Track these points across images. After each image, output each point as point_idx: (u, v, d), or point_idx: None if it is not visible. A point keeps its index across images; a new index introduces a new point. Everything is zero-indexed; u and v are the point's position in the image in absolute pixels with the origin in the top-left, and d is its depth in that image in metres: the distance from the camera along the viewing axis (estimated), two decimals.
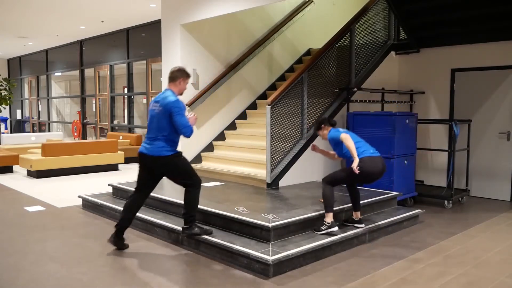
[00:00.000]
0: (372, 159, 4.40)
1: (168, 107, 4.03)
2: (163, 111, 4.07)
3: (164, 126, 4.08)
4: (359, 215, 4.70)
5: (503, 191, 6.80)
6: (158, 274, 3.80)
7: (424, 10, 6.57)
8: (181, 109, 4.04)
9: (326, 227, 4.35)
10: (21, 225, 5.34)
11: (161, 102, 4.10)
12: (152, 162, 4.20)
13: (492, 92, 6.89)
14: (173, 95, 4.12)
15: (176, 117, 4.01)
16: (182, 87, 4.22)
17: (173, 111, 4.01)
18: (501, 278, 3.76)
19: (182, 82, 4.20)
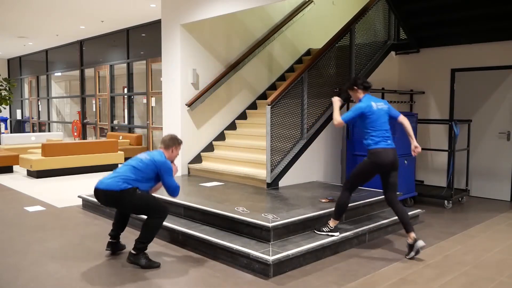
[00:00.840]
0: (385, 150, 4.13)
1: (159, 165, 3.97)
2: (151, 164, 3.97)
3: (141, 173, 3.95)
4: (413, 236, 4.17)
5: (503, 191, 6.80)
6: (158, 274, 3.80)
7: (424, 10, 6.57)
8: (171, 171, 4.03)
9: (328, 230, 4.32)
10: (21, 225, 5.34)
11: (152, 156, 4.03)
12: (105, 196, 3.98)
13: (492, 92, 6.89)
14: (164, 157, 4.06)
15: (167, 177, 3.99)
16: (174, 155, 4.17)
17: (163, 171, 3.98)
18: (501, 278, 3.76)
19: (174, 150, 4.16)
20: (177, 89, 7.13)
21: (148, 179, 3.99)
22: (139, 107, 12.18)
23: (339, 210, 4.33)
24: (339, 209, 4.32)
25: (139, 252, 3.94)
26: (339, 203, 4.33)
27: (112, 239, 4.29)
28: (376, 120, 4.18)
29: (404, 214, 4.27)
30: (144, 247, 3.96)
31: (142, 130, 11.69)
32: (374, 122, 4.17)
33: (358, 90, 4.28)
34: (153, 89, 11.02)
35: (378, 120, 4.18)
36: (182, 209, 5.04)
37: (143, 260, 3.92)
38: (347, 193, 4.32)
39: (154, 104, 10.98)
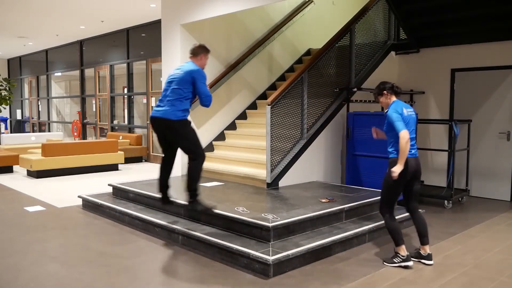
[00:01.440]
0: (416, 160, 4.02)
1: (192, 74, 4.17)
2: (184, 76, 4.19)
3: (181, 92, 4.22)
4: (427, 250, 4.10)
5: (503, 191, 6.80)
6: (158, 274, 3.80)
7: (424, 10, 6.57)
8: (204, 78, 4.23)
9: (400, 260, 3.96)
10: (21, 225, 5.34)
11: (184, 69, 4.24)
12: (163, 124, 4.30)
13: (492, 92, 6.89)
14: (196, 66, 4.30)
15: (199, 84, 4.20)
16: (203, 62, 4.37)
17: (197, 78, 4.18)
18: (501, 278, 3.76)
19: (203, 58, 4.36)
20: None
21: (189, 92, 4.26)
22: (139, 107, 12.18)
23: (394, 235, 4.03)
24: (393, 234, 4.03)
25: (194, 197, 4.36)
26: (390, 230, 4.05)
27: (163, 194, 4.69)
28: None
29: (423, 225, 4.13)
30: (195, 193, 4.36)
31: (142, 130, 11.69)
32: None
33: (388, 95, 4.16)
34: (153, 89, 11.02)
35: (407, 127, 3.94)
36: (182, 209, 5.04)
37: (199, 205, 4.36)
38: (388, 216, 4.07)
39: (154, 104, 10.98)
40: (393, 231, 4.01)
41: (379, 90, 4.21)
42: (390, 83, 4.21)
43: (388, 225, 4.05)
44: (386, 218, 4.07)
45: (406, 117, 4.00)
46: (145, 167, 10.30)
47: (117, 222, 5.45)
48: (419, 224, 4.13)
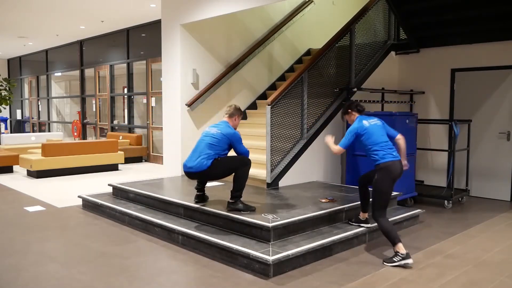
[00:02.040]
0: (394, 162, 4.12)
1: (230, 137, 4.58)
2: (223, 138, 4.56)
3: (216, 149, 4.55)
4: (366, 216, 4.69)
5: (503, 191, 6.80)
6: (158, 274, 3.80)
7: (424, 10, 6.57)
8: (241, 139, 4.67)
9: (400, 258, 3.98)
10: (21, 225, 5.34)
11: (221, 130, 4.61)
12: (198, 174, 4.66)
13: (492, 92, 6.89)
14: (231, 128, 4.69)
15: (238, 146, 4.64)
16: (237, 123, 4.80)
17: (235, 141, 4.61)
18: (501, 278, 3.76)
19: (237, 119, 4.78)
20: (177, 89, 7.13)
21: (224, 150, 4.60)
22: (139, 107, 12.18)
23: (390, 236, 4.07)
24: (389, 235, 4.07)
25: (236, 200, 4.60)
26: (385, 232, 4.09)
27: (199, 192, 4.95)
28: (371, 135, 4.20)
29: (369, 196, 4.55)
30: (239, 195, 4.61)
31: (142, 130, 11.69)
32: (370, 138, 4.19)
33: (353, 113, 4.42)
34: (153, 89, 11.02)
35: (373, 134, 4.20)
36: (182, 209, 5.04)
37: (240, 205, 4.57)
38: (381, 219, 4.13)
39: (154, 104, 10.98)
40: (388, 232, 4.07)
41: (345, 109, 4.52)
42: (354, 102, 4.53)
43: (382, 228, 4.12)
44: (380, 222, 4.14)
45: (368, 127, 4.24)
46: (145, 167, 10.30)
47: (117, 222, 5.45)
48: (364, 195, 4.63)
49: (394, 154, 4.19)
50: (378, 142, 4.18)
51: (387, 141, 4.25)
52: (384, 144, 4.19)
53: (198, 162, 4.50)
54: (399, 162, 4.19)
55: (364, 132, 4.21)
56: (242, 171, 4.60)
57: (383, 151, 4.15)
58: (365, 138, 4.21)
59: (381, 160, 4.13)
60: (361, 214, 4.72)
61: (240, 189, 4.63)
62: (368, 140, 4.19)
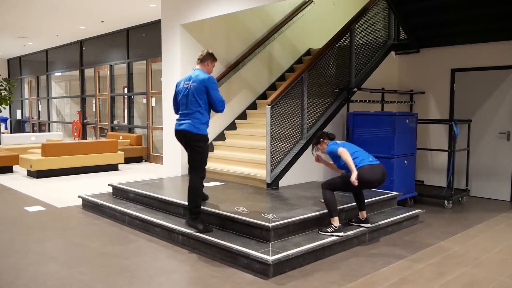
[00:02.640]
0: (372, 167, 4.44)
1: (204, 83, 4.33)
2: (197, 86, 4.33)
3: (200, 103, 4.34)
4: (365, 215, 4.74)
5: (503, 191, 6.80)
6: (158, 274, 3.80)
7: (424, 10, 6.57)
8: (216, 85, 4.40)
9: (333, 230, 4.35)
10: (21, 225, 5.34)
11: (194, 79, 4.38)
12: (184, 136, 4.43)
13: (492, 92, 6.89)
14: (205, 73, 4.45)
15: (212, 91, 4.34)
16: (210, 69, 4.56)
17: (210, 86, 4.33)
18: (501, 278, 3.76)
19: (209, 64, 4.55)
20: None
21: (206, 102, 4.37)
22: (139, 107, 12.18)
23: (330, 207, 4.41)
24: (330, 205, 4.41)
25: (197, 216, 4.44)
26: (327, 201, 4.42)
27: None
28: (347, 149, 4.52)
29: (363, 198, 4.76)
30: (197, 211, 4.43)
31: (142, 130, 11.69)
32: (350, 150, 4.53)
33: (325, 140, 4.71)
34: (153, 89, 11.02)
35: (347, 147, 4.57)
36: (182, 209, 5.04)
37: (200, 225, 4.41)
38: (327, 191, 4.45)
39: (154, 104, 10.98)
40: (330, 201, 4.40)
41: (317, 139, 4.76)
42: (324, 132, 4.81)
43: (325, 196, 4.42)
44: (325, 191, 4.44)
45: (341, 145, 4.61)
46: (145, 167, 10.30)
47: (117, 222, 5.45)
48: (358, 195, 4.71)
49: (370, 158, 4.53)
50: (352, 152, 4.51)
51: (360, 150, 4.63)
52: (357, 152, 4.56)
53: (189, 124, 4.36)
54: (378, 166, 4.50)
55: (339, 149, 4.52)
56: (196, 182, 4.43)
57: (359, 158, 4.49)
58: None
59: (360, 164, 4.43)
60: (360, 214, 4.76)
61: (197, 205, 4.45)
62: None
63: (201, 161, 4.49)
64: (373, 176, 4.41)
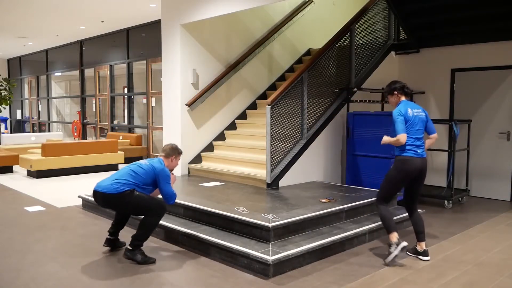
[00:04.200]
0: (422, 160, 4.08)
1: (157, 172, 4.12)
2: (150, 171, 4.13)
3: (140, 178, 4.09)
4: (423, 246, 4.21)
5: (503, 191, 6.80)
6: (158, 274, 3.80)
7: (424, 10, 6.57)
8: (169, 178, 4.18)
9: (395, 246, 4.00)
10: (21, 225, 5.34)
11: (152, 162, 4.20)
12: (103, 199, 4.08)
13: (492, 92, 6.89)
14: (163, 164, 4.22)
15: (164, 184, 4.13)
16: (174, 165, 4.37)
17: (161, 178, 4.12)
18: (501, 278, 3.76)
19: (174, 160, 4.36)
20: (177, 89, 7.12)
21: (146, 184, 4.13)
22: (139, 107, 12.18)
23: (387, 222, 4.13)
24: (386, 221, 4.13)
25: (135, 248, 4.07)
26: (382, 218, 4.16)
27: (110, 236, 4.41)
28: (409, 128, 4.06)
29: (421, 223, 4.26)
30: (140, 244, 4.09)
31: (142, 130, 11.69)
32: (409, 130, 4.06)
33: (398, 95, 4.21)
34: (153, 89, 11.02)
35: (411, 127, 4.06)
36: (182, 209, 5.04)
37: (139, 256, 4.05)
38: (382, 206, 4.19)
39: (154, 104, 10.98)
40: (385, 217, 4.13)
41: (390, 89, 4.25)
42: (401, 83, 4.24)
43: (380, 213, 4.17)
44: (379, 208, 4.21)
45: (411, 117, 4.06)
46: None
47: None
48: (417, 222, 4.26)
49: (419, 152, 4.09)
50: (410, 136, 4.05)
51: (420, 138, 4.11)
52: (414, 139, 4.07)
53: (110, 184, 3.99)
54: (421, 160, 4.09)
55: (409, 120, 4.05)
56: (152, 220, 4.08)
57: (409, 146, 4.05)
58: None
59: (401, 153, 4.07)
60: (418, 245, 4.26)
61: (144, 239, 4.10)
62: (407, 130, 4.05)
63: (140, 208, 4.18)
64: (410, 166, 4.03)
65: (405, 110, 4.08)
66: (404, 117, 4.04)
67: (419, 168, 4.10)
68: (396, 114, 4.06)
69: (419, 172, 4.12)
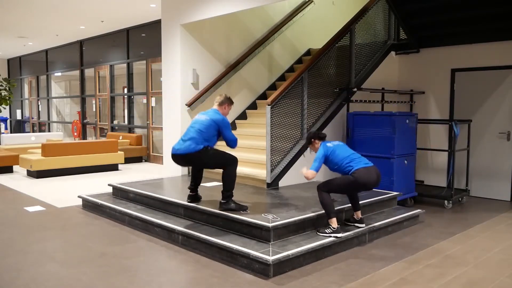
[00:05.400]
0: (367, 169, 4.43)
1: (218, 122, 4.61)
2: (212, 123, 4.60)
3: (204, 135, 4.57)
4: (359, 215, 4.73)
5: (503, 191, 6.80)
6: (158, 274, 3.80)
7: (424, 10, 6.57)
8: (229, 125, 4.72)
9: (331, 231, 4.34)
10: (21, 225, 5.34)
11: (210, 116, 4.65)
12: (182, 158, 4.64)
13: (492, 92, 6.89)
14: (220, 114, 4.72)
15: (226, 132, 4.66)
16: (226, 112, 4.82)
17: (223, 127, 4.64)
18: (501, 278, 3.76)
19: (227, 108, 4.82)
20: (177, 89, 7.13)
21: (213, 136, 4.62)
22: (139, 107, 12.18)
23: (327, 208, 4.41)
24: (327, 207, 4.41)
25: (228, 199, 4.61)
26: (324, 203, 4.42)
27: (191, 192, 4.97)
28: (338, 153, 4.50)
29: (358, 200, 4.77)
30: (230, 194, 4.62)
31: (142, 130, 11.69)
32: (337, 156, 4.49)
33: (316, 141, 4.66)
34: (153, 89, 11.02)
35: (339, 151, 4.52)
36: (182, 209, 5.04)
37: (232, 205, 4.60)
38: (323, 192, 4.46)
39: (154, 104, 10.98)
40: (327, 203, 4.41)
41: (308, 140, 4.74)
42: (314, 132, 4.77)
43: (322, 198, 4.43)
44: (321, 193, 4.45)
45: (333, 148, 4.55)
46: (145, 167, 10.30)
47: (117, 222, 5.45)
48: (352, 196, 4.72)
49: (364, 161, 4.51)
50: (346, 156, 4.49)
51: (353, 152, 4.59)
52: (351, 155, 4.52)
53: (187, 145, 4.54)
54: (373, 168, 4.48)
55: (331, 153, 4.51)
56: (230, 170, 4.60)
57: (354, 161, 4.46)
58: (333, 157, 4.50)
59: (355, 167, 4.41)
60: (355, 214, 4.76)
61: (230, 188, 4.63)
62: (337, 157, 4.49)
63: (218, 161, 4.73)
64: (369, 178, 4.40)
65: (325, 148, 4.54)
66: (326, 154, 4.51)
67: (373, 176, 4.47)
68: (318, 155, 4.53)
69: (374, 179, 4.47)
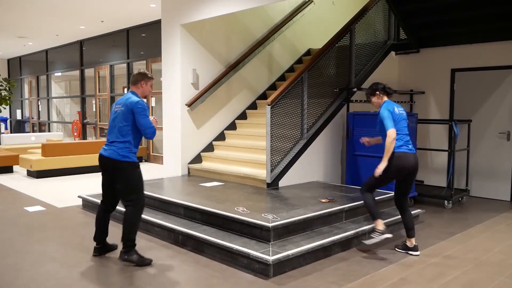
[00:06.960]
0: (414, 155, 4.21)
1: (131, 106, 3.89)
2: (125, 111, 3.91)
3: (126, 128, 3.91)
4: (413, 242, 4.33)
5: (503, 191, 6.80)
6: (158, 274, 3.80)
7: (424, 10, 6.57)
8: (144, 110, 3.92)
9: (379, 234, 4.19)
10: (21, 225, 5.34)
11: (123, 103, 3.95)
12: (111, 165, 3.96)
13: (492, 92, 6.89)
14: (135, 96, 4.00)
15: (139, 117, 3.89)
16: (145, 90, 4.09)
17: (136, 111, 3.88)
18: (501, 278, 3.76)
19: (144, 85, 4.06)
20: (177, 89, 7.13)
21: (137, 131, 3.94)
22: None
23: (372, 209, 4.28)
24: (371, 208, 4.28)
25: (129, 249, 3.96)
26: (368, 205, 4.31)
27: (97, 245, 4.23)
28: (397, 124, 4.21)
29: (411, 220, 4.39)
30: (132, 243, 3.97)
31: None
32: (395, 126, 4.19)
33: (380, 95, 4.37)
34: (153, 89, 11.02)
35: (398, 124, 4.23)
36: (182, 209, 5.04)
37: (135, 256, 3.96)
38: (367, 194, 4.33)
39: (154, 104, 10.98)
40: (370, 204, 4.27)
41: (372, 90, 4.41)
42: (382, 84, 4.42)
43: (365, 200, 4.30)
44: (364, 195, 4.33)
45: (397, 115, 4.24)
46: (145, 167, 10.30)
47: (117, 222, 5.44)
48: (409, 219, 4.36)
49: (410, 147, 4.25)
50: (399, 132, 4.21)
51: (407, 133, 4.29)
52: (405, 135, 4.25)
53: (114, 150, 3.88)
54: (413, 155, 4.23)
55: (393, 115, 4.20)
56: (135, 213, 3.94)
57: (401, 142, 4.20)
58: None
59: (396, 149, 4.17)
60: (407, 241, 4.37)
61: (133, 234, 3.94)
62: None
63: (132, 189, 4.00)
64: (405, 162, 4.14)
65: (392, 108, 4.26)
66: (391, 114, 4.20)
67: (412, 164, 4.23)
68: (383, 112, 4.21)
69: (412, 168, 4.24)
